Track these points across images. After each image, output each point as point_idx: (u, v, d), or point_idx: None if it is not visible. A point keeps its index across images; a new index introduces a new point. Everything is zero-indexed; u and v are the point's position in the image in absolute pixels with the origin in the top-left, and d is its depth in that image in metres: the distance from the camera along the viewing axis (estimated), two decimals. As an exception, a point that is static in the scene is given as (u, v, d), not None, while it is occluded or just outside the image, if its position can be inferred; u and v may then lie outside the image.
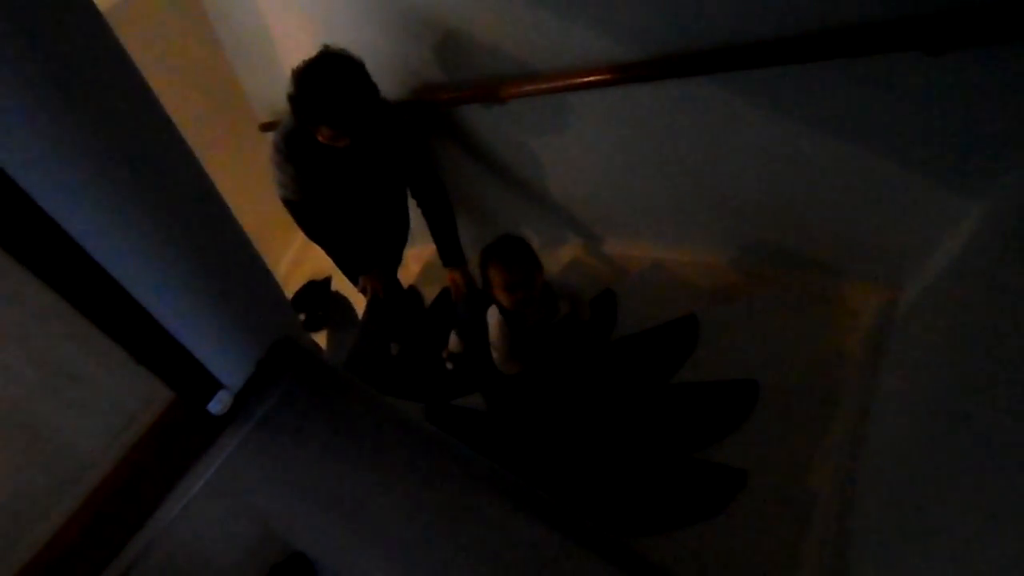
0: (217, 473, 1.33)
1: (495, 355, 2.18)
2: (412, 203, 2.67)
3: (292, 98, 2.02)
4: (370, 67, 2.49)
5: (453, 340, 2.63)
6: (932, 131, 1.68)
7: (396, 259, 2.99)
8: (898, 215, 1.93)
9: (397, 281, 3.02)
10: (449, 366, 2.70)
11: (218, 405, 1.32)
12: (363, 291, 2.89)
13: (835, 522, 1.70)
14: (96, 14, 0.96)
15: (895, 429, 1.67)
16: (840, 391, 2.01)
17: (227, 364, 1.33)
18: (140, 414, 1.29)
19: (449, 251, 2.57)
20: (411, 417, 1.45)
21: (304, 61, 2.00)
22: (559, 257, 2.98)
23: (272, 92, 3.11)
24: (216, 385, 1.32)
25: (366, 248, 2.75)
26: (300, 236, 2.70)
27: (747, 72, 1.77)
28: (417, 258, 3.61)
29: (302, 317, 3.94)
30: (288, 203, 2.42)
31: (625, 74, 1.93)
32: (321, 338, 3.82)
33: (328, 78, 1.98)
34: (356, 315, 3.67)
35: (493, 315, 2.12)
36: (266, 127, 3.27)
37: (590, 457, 2.03)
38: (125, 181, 1.01)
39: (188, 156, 1.14)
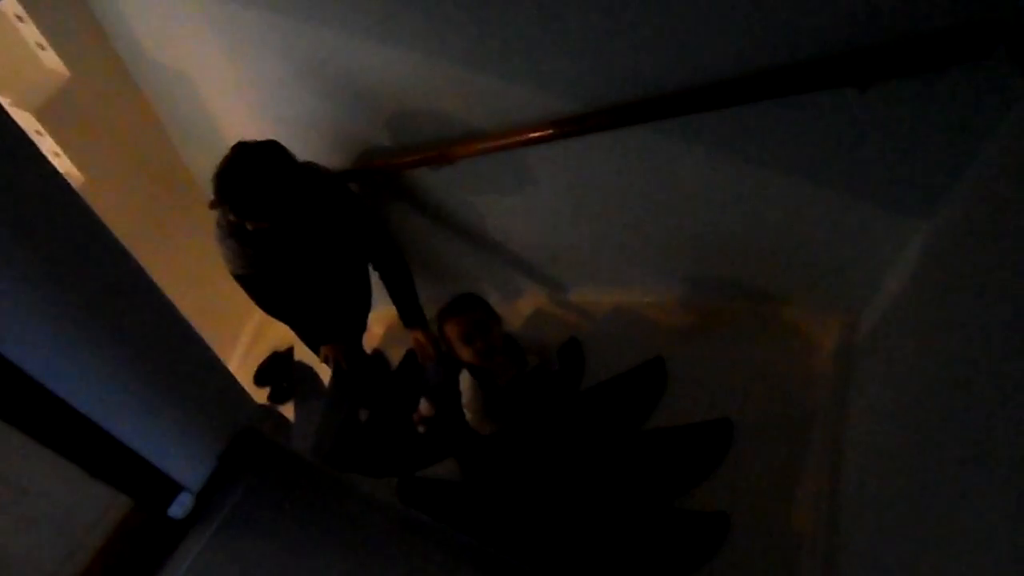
0: (183, 579, 1.27)
1: (469, 416, 2.15)
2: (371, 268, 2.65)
3: (217, 196, 2.02)
4: (314, 138, 2.50)
5: (424, 404, 2.59)
6: (872, 159, 1.72)
7: (360, 326, 2.95)
8: (850, 241, 1.97)
9: (361, 347, 2.98)
10: (421, 429, 2.65)
11: (179, 508, 1.26)
12: (326, 361, 2.84)
13: (822, 558, 1.68)
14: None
15: (871, 456, 1.67)
16: (812, 420, 2.01)
17: (186, 464, 1.27)
18: (97, 524, 1.23)
19: (410, 312, 2.54)
20: (382, 500, 1.40)
21: (222, 159, 2.02)
22: (521, 309, 2.97)
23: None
24: (176, 487, 1.26)
25: (325, 318, 2.71)
26: (258, 310, 2.66)
27: (685, 116, 1.79)
28: (380, 321, 3.57)
29: (267, 390, 3.86)
30: (238, 278, 2.39)
31: (566, 128, 1.95)
32: (288, 410, 3.75)
33: (240, 175, 1.99)
34: (322, 383, 3.61)
35: (465, 378, 2.09)
36: (214, 204, 3.22)
37: (569, 515, 2.00)
38: (52, 281, 0.97)
39: (120, 253, 1.11)
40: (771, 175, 1.86)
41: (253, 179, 1.98)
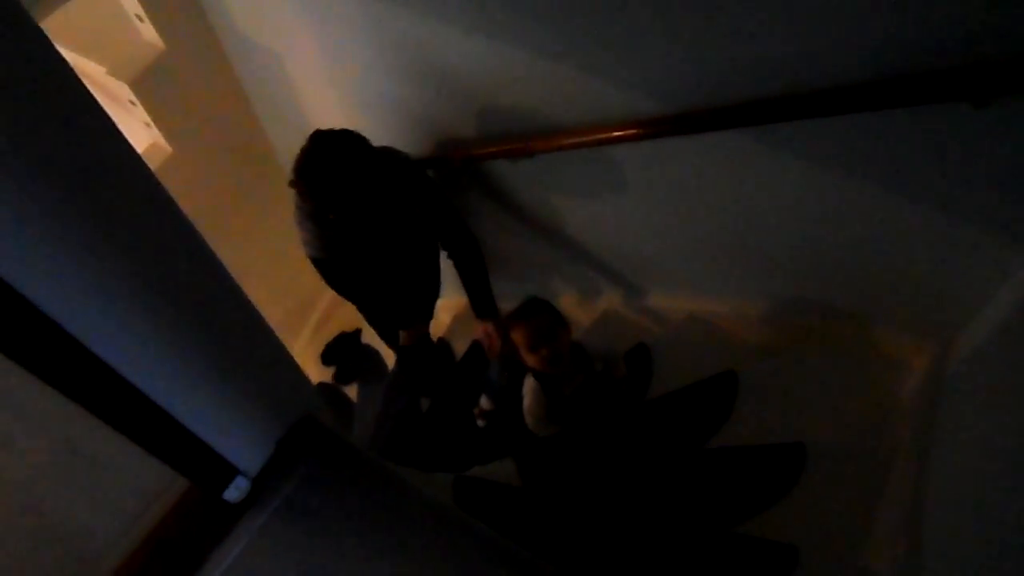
0: (234, 563, 1.27)
1: (529, 420, 2.11)
2: (443, 255, 2.64)
3: (294, 184, 2.02)
4: (396, 122, 2.49)
5: (484, 400, 2.56)
6: (980, 182, 1.60)
7: (428, 313, 2.94)
8: (949, 266, 1.84)
9: (427, 335, 2.98)
10: (481, 423, 2.63)
11: (235, 492, 1.26)
12: (403, 346, 2.85)
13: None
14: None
15: (959, 495, 1.56)
16: (893, 453, 1.90)
17: (243, 448, 1.27)
18: (156, 499, 1.24)
19: (481, 302, 2.51)
20: (437, 499, 1.38)
21: (301, 149, 2.00)
22: (592, 310, 2.92)
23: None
24: (232, 471, 1.26)
25: (396, 302, 2.71)
26: (330, 289, 2.69)
27: (784, 124, 1.70)
28: (448, 309, 3.58)
29: (333, 370, 3.92)
30: (314, 260, 2.40)
31: (652, 128, 1.88)
32: (352, 391, 3.80)
33: (319, 167, 1.98)
34: (386, 367, 3.64)
35: (529, 383, 2.05)
36: (295, 184, 3.27)
37: (627, 531, 1.94)
38: (121, 266, 0.96)
39: (190, 234, 1.10)
40: (872, 190, 1.75)
41: (332, 172, 1.97)
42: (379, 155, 2.12)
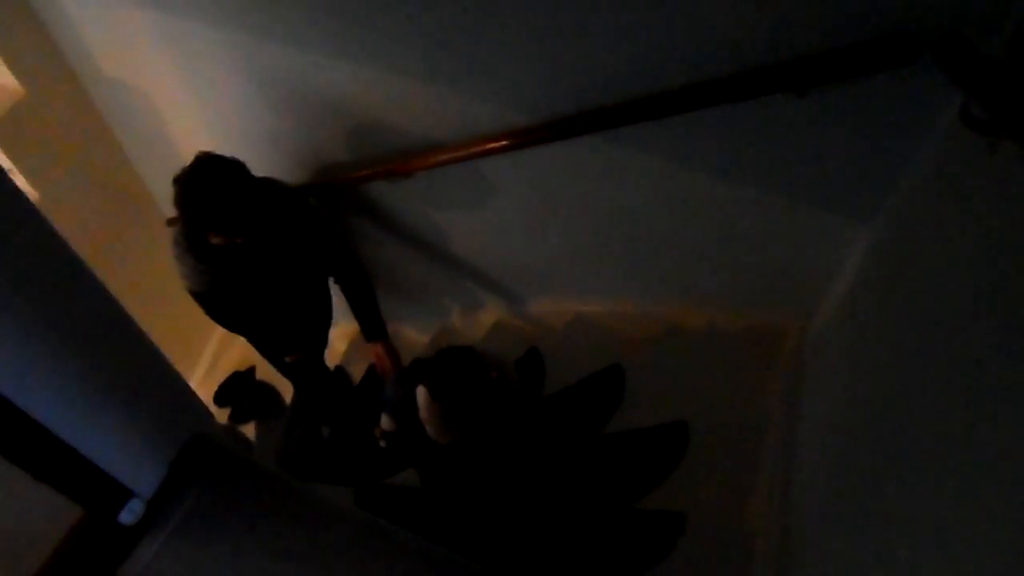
0: (135, 587, 1.26)
1: (428, 428, 2.15)
2: (332, 283, 2.65)
3: (177, 204, 2.01)
4: (270, 151, 2.50)
5: (385, 419, 2.58)
6: (813, 166, 1.78)
7: (322, 341, 2.94)
8: (797, 246, 2.02)
9: (323, 363, 2.97)
10: (382, 444, 2.64)
11: (130, 515, 1.25)
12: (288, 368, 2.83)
13: (776, 555, 1.72)
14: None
15: (821, 453, 1.71)
16: (766, 421, 2.05)
17: (136, 470, 1.27)
18: (46, 533, 1.22)
19: (370, 325, 2.53)
20: (339, 504, 1.41)
21: (182, 170, 1.99)
22: (481, 321, 2.99)
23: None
24: (126, 493, 1.26)
25: (286, 332, 2.70)
26: (220, 328, 2.64)
27: (634, 126, 1.84)
28: (343, 337, 3.56)
29: (228, 410, 3.81)
30: (195, 295, 2.37)
31: (519, 139, 1.98)
32: (249, 429, 3.70)
33: (204, 188, 1.97)
34: (284, 402, 3.58)
35: (421, 393, 2.10)
36: (172, 222, 3.21)
37: (529, 519, 2.01)
38: (5, 290, 0.97)
39: (74, 260, 1.11)
40: (717, 183, 1.91)
41: (219, 191, 1.97)
42: (261, 181, 2.13)
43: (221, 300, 2.40)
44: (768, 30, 1.54)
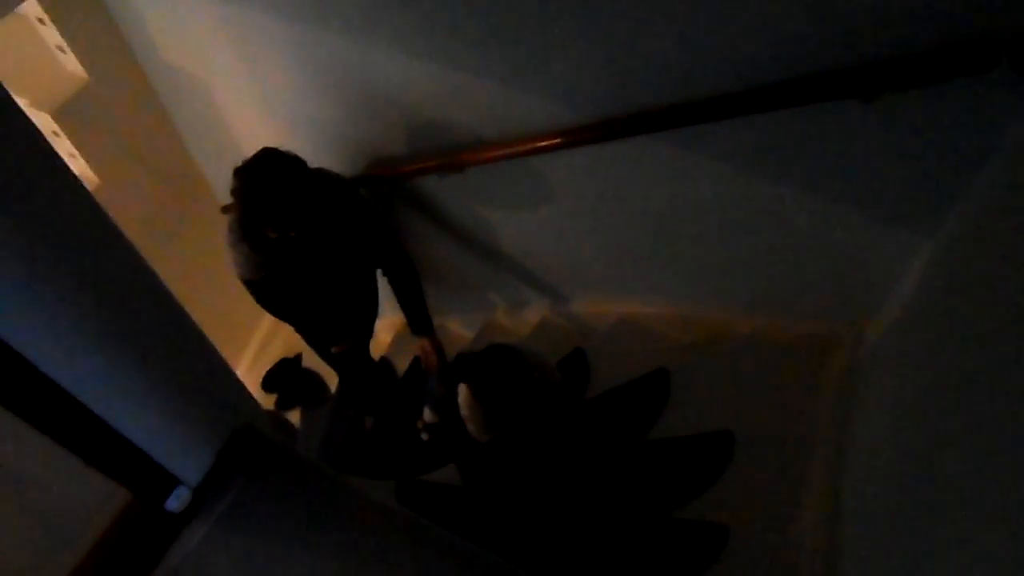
0: (179, 573, 1.28)
1: (470, 427, 2.15)
2: (379, 274, 2.67)
3: (235, 193, 2.03)
4: (324, 142, 2.52)
5: (428, 412, 2.59)
6: (876, 173, 1.73)
7: (367, 332, 2.96)
8: (856, 255, 1.96)
9: (368, 354, 2.99)
10: (424, 437, 2.65)
11: (176, 502, 1.27)
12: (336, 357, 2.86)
13: (822, 572, 1.67)
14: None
15: (872, 468, 1.66)
16: (815, 434, 2.00)
17: (184, 458, 1.29)
18: (94, 516, 1.25)
19: (417, 319, 2.55)
20: (380, 500, 1.41)
21: (243, 162, 2.01)
22: (526, 319, 2.98)
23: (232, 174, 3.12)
24: (173, 481, 1.28)
25: (333, 323, 2.72)
26: (269, 315, 2.68)
27: (693, 128, 1.80)
28: (388, 328, 3.59)
29: (275, 396, 3.87)
30: (247, 283, 2.40)
31: (574, 137, 1.97)
32: (295, 416, 3.76)
33: (264, 184, 1.99)
34: (329, 391, 3.63)
35: (463, 392, 2.10)
36: (227, 209, 3.27)
37: (569, 524, 1.99)
38: (61, 277, 0.99)
39: (126, 249, 1.13)
40: (775, 188, 1.87)
41: (278, 188, 1.99)
42: (316, 174, 2.15)
43: (272, 288, 2.44)
44: (835, 33, 1.49)
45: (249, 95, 2.61)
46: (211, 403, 1.34)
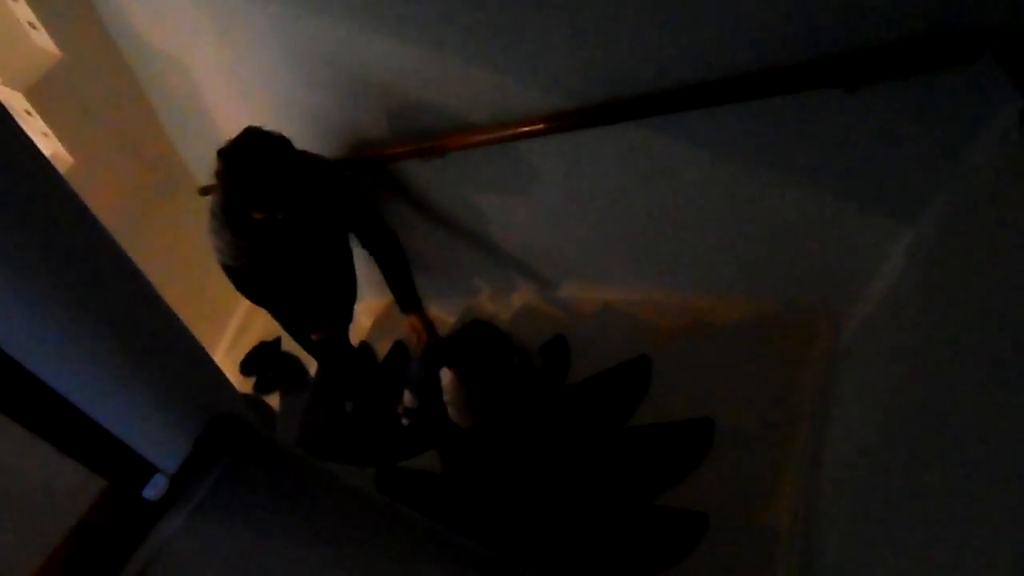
0: (156, 562, 1.26)
1: (451, 411, 2.14)
2: (358, 257, 2.64)
3: (220, 176, 1.99)
4: (304, 124, 2.48)
5: (408, 397, 2.59)
6: (859, 162, 1.74)
7: (347, 316, 2.94)
8: (835, 244, 1.98)
9: (348, 338, 2.97)
10: (405, 422, 2.65)
11: (153, 491, 1.25)
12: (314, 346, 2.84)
13: (799, 557, 1.69)
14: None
15: (851, 455, 1.68)
16: (794, 422, 2.02)
17: (161, 446, 1.27)
18: (69, 503, 1.23)
19: (405, 296, 2.51)
20: (360, 488, 1.40)
21: (227, 143, 1.97)
22: (509, 305, 2.97)
23: (210, 155, 3.07)
24: (150, 469, 1.26)
25: (313, 307, 2.70)
26: (246, 299, 2.65)
27: (677, 115, 1.79)
28: (368, 312, 3.57)
29: (253, 380, 3.85)
30: (227, 269, 2.37)
31: (557, 123, 1.95)
32: (274, 400, 3.74)
33: (250, 164, 1.95)
34: (308, 374, 3.61)
35: (446, 375, 2.09)
36: (206, 191, 3.22)
37: (549, 510, 2.00)
38: (29, 260, 0.96)
39: (99, 232, 1.10)
40: (758, 175, 1.87)
41: (265, 168, 1.95)
42: (303, 155, 2.11)
43: (254, 274, 2.41)
44: (819, 21, 1.48)
45: (228, 75, 2.57)
46: (189, 390, 1.32)
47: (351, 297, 2.87)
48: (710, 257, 2.25)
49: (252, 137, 1.98)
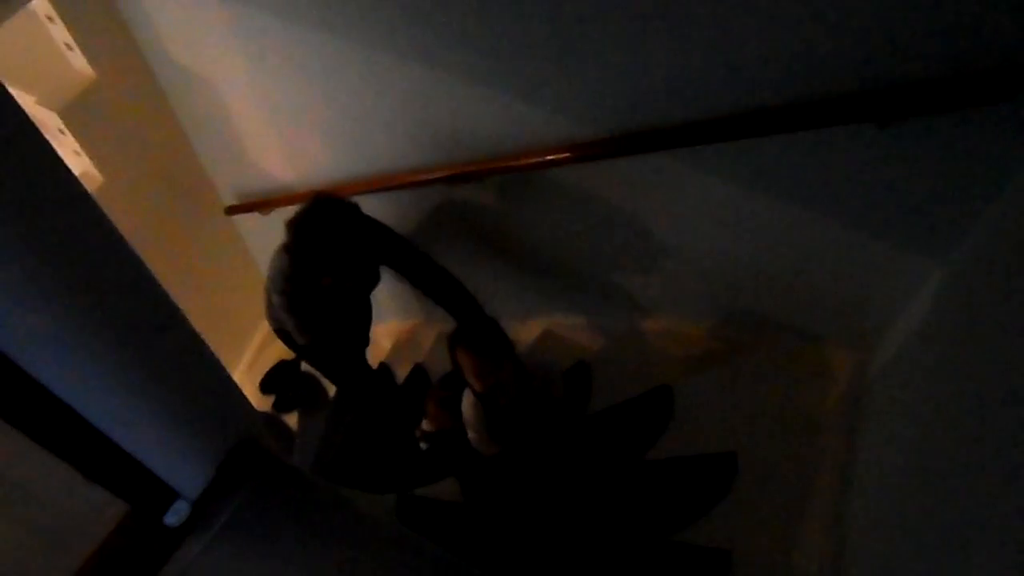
0: (175, 588, 1.26)
1: (471, 435, 2.13)
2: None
3: (291, 250, 1.98)
4: (333, 148, 2.50)
5: (426, 421, 2.58)
6: (889, 198, 1.72)
7: (364, 340, 2.94)
8: (864, 279, 1.95)
9: (366, 361, 2.97)
10: (423, 446, 2.64)
11: (175, 517, 1.25)
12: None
13: (824, 600, 1.66)
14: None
15: (878, 494, 1.65)
16: (820, 458, 1.98)
17: (184, 472, 1.27)
18: (90, 527, 1.23)
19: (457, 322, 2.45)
20: (380, 517, 1.39)
21: (298, 212, 1.97)
22: (530, 330, 2.96)
23: (237, 175, 3.11)
24: (172, 495, 1.25)
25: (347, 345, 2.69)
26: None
27: (709, 146, 1.79)
28: (388, 334, 3.57)
29: (272, 398, 3.86)
30: (299, 346, 2.38)
31: (585, 151, 1.96)
32: (292, 419, 3.75)
33: (324, 233, 1.95)
34: (327, 394, 3.61)
35: (467, 397, 2.08)
36: (233, 210, 3.25)
37: (568, 543, 1.97)
38: (57, 283, 0.96)
39: (130, 256, 1.10)
40: (790, 208, 1.85)
41: (340, 237, 1.96)
42: (368, 219, 2.11)
43: (322, 342, 2.41)
44: (853, 56, 1.47)
45: (258, 99, 2.60)
46: (213, 416, 1.32)
47: (368, 320, 2.87)
48: (734, 289, 2.23)
49: (323, 206, 1.99)
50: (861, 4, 1.38)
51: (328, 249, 1.96)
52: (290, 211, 2.98)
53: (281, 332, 2.39)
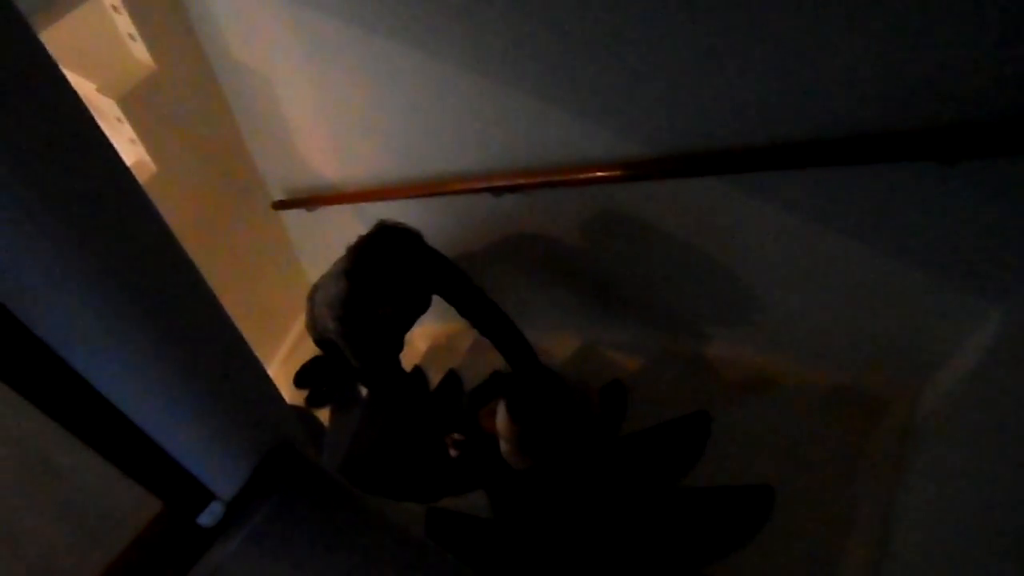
0: (205, 587, 1.26)
1: (504, 447, 2.11)
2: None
3: (351, 277, 1.98)
4: (387, 153, 2.51)
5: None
6: (948, 237, 1.67)
7: (399, 345, 2.94)
8: (919, 314, 1.90)
9: (400, 364, 2.97)
10: (453, 453, 2.62)
11: (209, 517, 1.25)
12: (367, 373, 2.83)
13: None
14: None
15: (920, 537, 1.60)
16: (861, 496, 1.93)
17: (220, 473, 1.26)
18: (127, 520, 1.23)
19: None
20: (410, 530, 1.38)
21: (362, 239, 1.96)
22: (566, 343, 2.93)
23: (286, 171, 3.14)
24: (208, 495, 1.26)
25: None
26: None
27: (767, 173, 1.75)
28: (424, 337, 3.58)
29: (305, 392, 3.89)
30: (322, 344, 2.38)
31: (633, 171, 1.94)
32: (324, 414, 3.77)
33: (387, 262, 1.93)
34: (359, 392, 3.62)
35: (502, 408, 2.06)
36: (279, 205, 3.28)
37: (595, 569, 1.94)
38: (107, 284, 0.96)
39: (180, 256, 1.10)
40: (844, 241, 1.81)
41: (402, 268, 1.95)
42: (430, 250, 2.10)
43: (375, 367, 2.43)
44: (921, 94, 1.43)
45: (312, 97, 2.62)
46: (252, 418, 1.32)
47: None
48: (783, 317, 2.18)
49: (388, 235, 1.97)
50: (939, 41, 1.34)
51: (391, 280, 1.94)
52: (335, 210, 3.03)
53: (322, 343, 2.38)
